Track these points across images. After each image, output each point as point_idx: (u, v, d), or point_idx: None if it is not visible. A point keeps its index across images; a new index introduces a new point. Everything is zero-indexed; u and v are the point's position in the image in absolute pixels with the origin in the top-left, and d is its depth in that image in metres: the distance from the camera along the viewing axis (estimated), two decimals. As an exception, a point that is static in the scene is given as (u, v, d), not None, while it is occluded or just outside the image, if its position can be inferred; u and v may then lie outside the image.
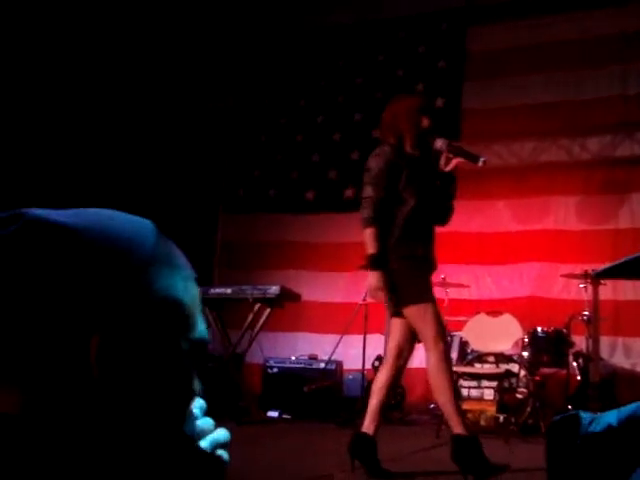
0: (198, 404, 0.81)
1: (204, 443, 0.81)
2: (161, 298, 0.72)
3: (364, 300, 6.94)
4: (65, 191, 6.02)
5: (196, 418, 0.81)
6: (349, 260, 8.24)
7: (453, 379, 3.79)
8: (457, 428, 3.57)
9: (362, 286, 7.51)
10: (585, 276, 6.22)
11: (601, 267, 6.33)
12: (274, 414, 6.56)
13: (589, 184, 7.45)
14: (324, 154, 8.80)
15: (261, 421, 6.30)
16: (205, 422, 0.82)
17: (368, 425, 3.89)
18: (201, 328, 0.77)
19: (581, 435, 0.69)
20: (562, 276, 6.81)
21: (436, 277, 7.43)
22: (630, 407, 0.68)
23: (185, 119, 8.26)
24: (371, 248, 3.87)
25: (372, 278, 3.86)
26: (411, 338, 3.90)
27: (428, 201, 3.95)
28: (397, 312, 3.93)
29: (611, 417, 0.68)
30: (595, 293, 6.17)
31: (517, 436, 5.47)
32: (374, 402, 3.90)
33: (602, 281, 6.26)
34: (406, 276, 3.86)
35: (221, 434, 0.83)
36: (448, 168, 3.90)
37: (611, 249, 7.05)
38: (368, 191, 3.97)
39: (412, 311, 3.81)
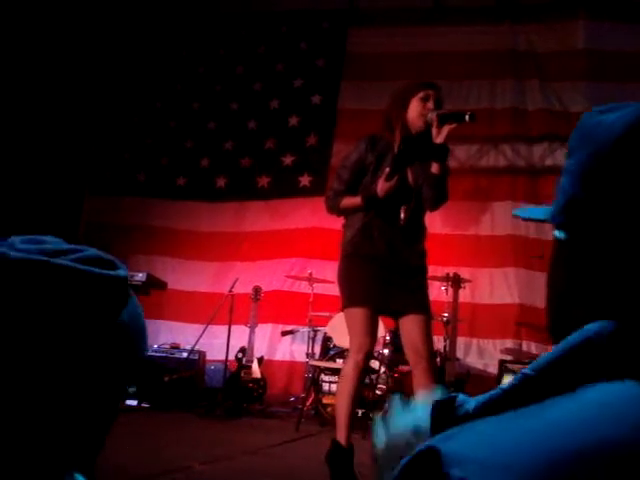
0: None
1: None
2: None
3: (230, 291, 6.91)
4: None
5: None
6: (217, 250, 8.19)
7: (358, 390, 3.69)
8: (339, 435, 3.59)
9: (229, 277, 7.50)
10: (447, 279, 6.47)
11: (460, 270, 6.64)
12: (132, 402, 6.41)
13: (455, 191, 7.69)
14: (198, 141, 8.68)
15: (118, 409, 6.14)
16: None
17: None
18: None
19: (454, 417, 0.70)
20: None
21: (303, 272, 7.56)
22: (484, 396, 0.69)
23: (53, 97, 7.91)
24: (358, 201, 3.70)
25: (384, 186, 3.61)
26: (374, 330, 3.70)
27: (396, 199, 3.71)
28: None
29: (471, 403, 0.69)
30: (455, 295, 6.44)
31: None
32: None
33: (462, 284, 6.54)
34: (341, 276, 3.77)
35: None
36: (439, 139, 3.60)
37: (471, 254, 7.37)
38: (333, 182, 3.85)
39: (344, 314, 3.74)
